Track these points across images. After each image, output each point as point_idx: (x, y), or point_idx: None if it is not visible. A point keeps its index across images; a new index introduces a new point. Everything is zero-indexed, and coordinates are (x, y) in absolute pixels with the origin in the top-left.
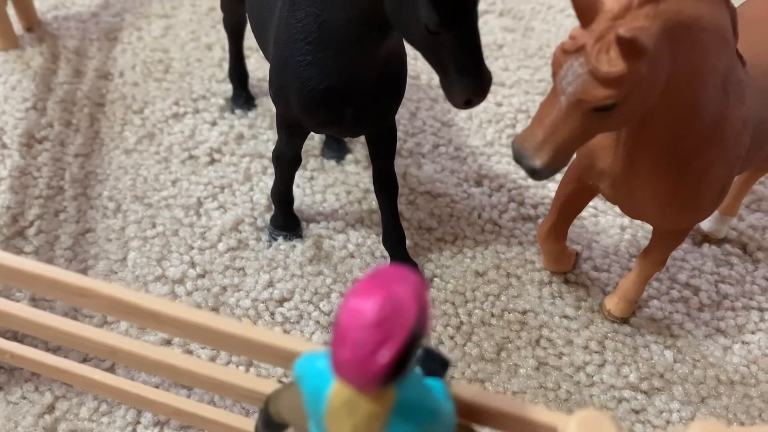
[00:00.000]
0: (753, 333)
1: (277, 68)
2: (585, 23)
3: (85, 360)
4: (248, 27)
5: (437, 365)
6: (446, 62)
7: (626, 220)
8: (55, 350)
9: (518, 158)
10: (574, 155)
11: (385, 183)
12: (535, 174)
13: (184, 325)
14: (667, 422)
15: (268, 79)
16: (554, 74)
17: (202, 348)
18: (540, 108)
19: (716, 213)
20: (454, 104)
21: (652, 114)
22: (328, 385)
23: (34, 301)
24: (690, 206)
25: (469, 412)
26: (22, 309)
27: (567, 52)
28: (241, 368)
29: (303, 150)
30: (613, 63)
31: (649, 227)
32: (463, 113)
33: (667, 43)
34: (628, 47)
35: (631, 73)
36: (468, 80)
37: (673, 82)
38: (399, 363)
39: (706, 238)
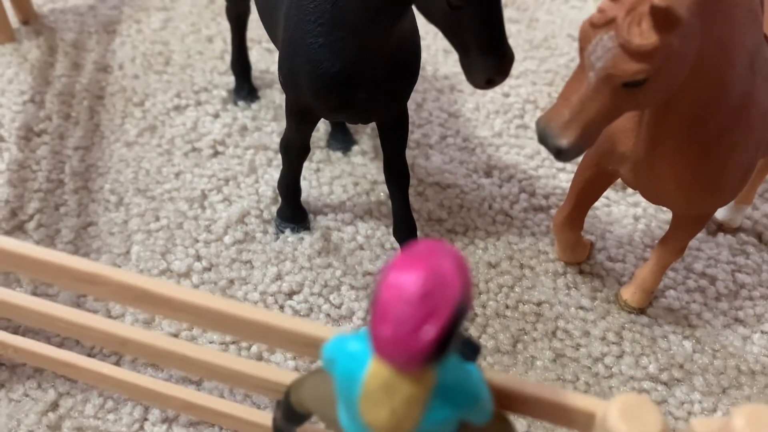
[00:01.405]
0: None
1: (288, 52)
2: None
3: (89, 355)
4: (251, 17)
5: (468, 350)
6: (467, 40)
7: (640, 210)
8: (59, 345)
9: (543, 138)
10: None
11: (397, 172)
12: (561, 155)
13: (199, 311)
14: (689, 413)
15: (277, 66)
16: (582, 49)
17: (210, 343)
18: (566, 86)
19: (731, 202)
20: (475, 84)
21: (678, 93)
22: (364, 367)
23: (37, 296)
24: (713, 189)
25: (502, 400)
26: (27, 299)
27: (596, 26)
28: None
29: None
30: (645, 35)
31: (663, 217)
32: (470, 104)
33: (699, 16)
34: (663, 18)
35: (664, 46)
36: (490, 59)
37: (701, 58)
38: (443, 340)
39: (721, 227)
